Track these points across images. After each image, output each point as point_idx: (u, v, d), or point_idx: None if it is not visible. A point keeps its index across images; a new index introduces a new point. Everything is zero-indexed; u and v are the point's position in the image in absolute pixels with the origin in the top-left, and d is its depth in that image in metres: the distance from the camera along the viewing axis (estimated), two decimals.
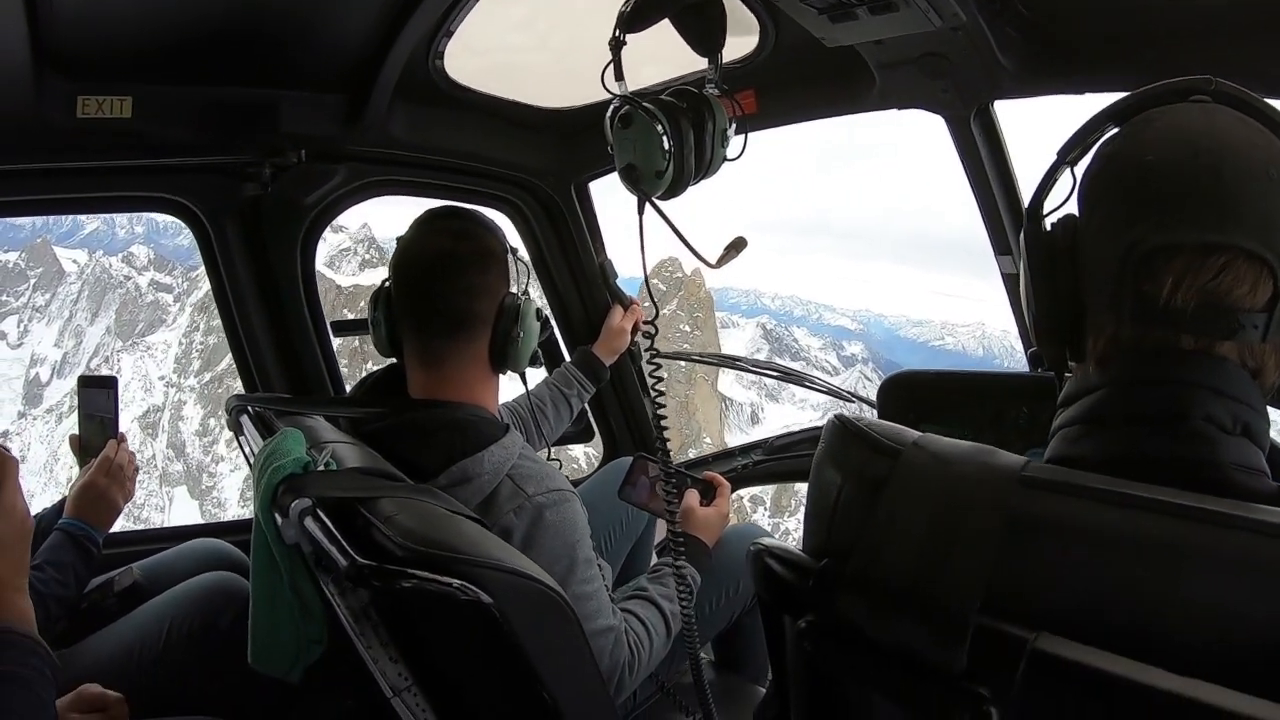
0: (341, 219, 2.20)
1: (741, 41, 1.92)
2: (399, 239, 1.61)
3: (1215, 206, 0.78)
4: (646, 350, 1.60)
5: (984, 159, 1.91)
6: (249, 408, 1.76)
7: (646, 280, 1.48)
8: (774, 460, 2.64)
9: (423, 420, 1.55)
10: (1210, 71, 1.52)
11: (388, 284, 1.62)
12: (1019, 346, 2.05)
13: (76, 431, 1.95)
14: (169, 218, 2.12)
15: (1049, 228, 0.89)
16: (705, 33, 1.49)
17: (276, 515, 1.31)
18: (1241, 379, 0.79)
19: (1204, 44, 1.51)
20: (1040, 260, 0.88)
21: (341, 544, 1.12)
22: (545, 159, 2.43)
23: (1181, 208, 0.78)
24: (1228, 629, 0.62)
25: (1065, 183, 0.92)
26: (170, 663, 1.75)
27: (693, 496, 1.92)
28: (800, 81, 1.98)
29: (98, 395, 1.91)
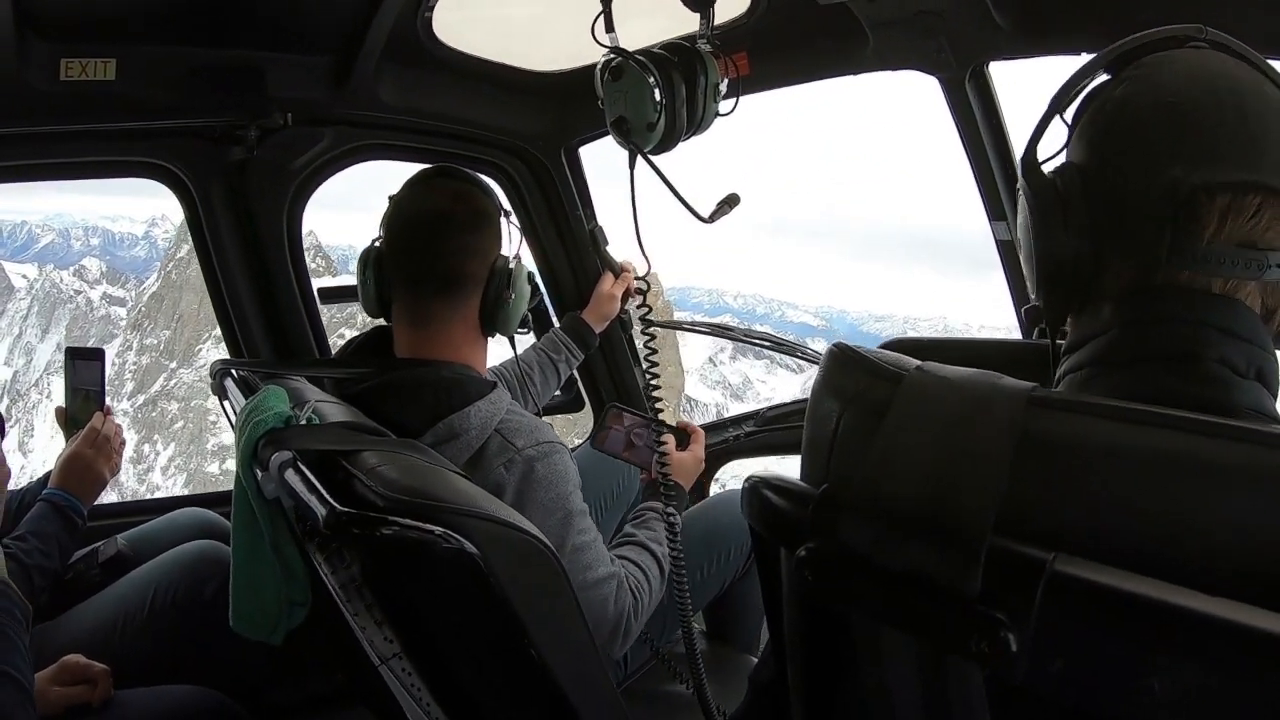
0: None
1: (734, 1, 1.89)
2: (391, 197, 1.60)
3: (1246, 145, 0.77)
4: (639, 308, 1.58)
5: (979, 121, 1.89)
6: (233, 371, 1.74)
7: (639, 236, 1.47)
8: (766, 432, 2.62)
9: (408, 378, 1.54)
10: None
11: (378, 243, 1.61)
12: (981, 338, 2.04)
13: (63, 404, 1.93)
14: (126, 229, 2.09)
15: (1050, 175, 0.87)
16: None
17: (257, 470, 1.29)
18: (1255, 322, 0.78)
19: (1204, 4, 1.49)
20: (1047, 207, 0.85)
21: (321, 493, 1.10)
22: (535, 123, 2.40)
23: (1217, 146, 0.78)
24: (1253, 545, 0.59)
25: (1057, 133, 0.91)
26: (155, 632, 1.74)
27: (670, 442, 1.90)
28: (793, 43, 1.95)
29: (85, 368, 1.89)
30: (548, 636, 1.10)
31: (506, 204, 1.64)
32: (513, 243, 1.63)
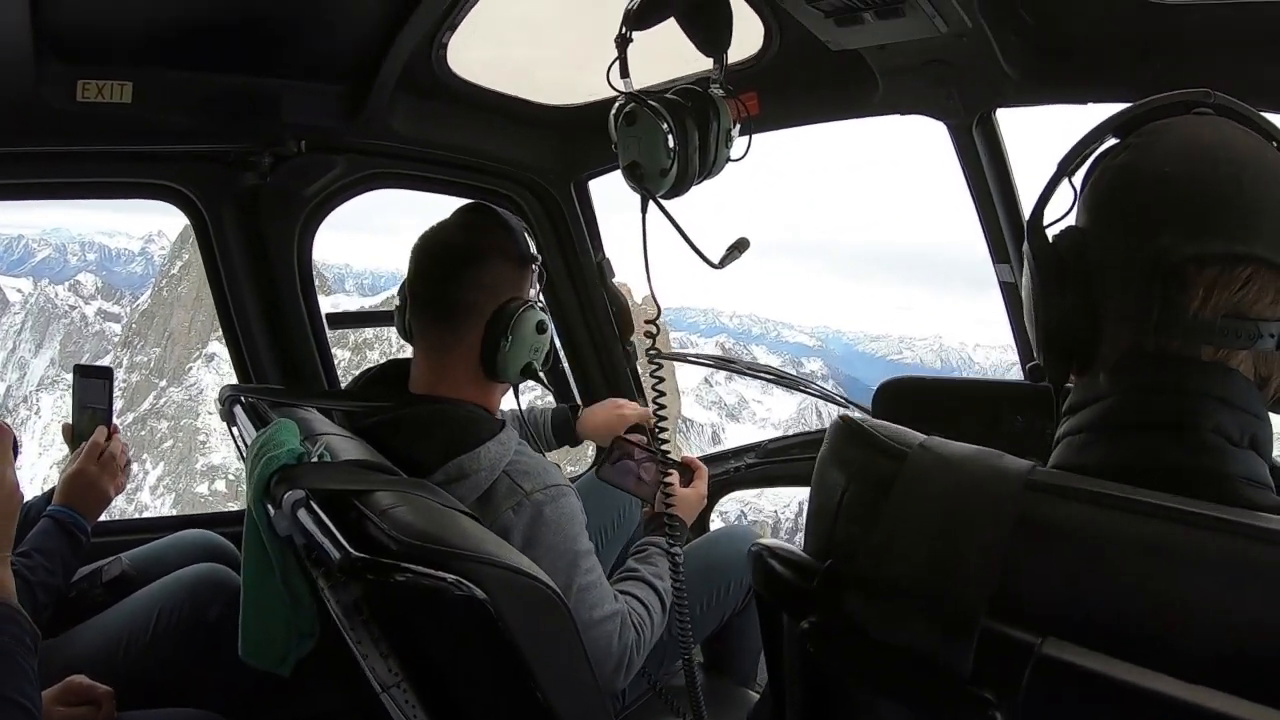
0: None
1: (745, 43, 1.91)
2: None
3: (1239, 217, 0.78)
4: (648, 350, 1.60)
5: (985, 167, 1.92)
6: (242, 398, 1.75)
7: (649, 280, 1.48)
8: (768, 464, 2.64)
9: (419, 415, 1.55)
10: (1214, 84, 1.53)
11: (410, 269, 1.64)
12: (976, 357, 2.07)
13: (70, 420, 1.93)
14: (123, 245, 2.10)
15: (1052, 239, 0.88)
16: (711, 32, 1.48)
17: (269, 506, 1.30)
18: (1250, 390, 0.79)
19: (1208, 56, 1.52)
20: (1048, 272, 0.86)
21: (335, 536, 1.12)
22: (546, 156, 2.42)
23: (1207, 218, 0.78)
24: (1235, 636, 0.62)
25: (1064, 195, 0.93)
26: (158, 653, 1.74)
27: (675, 478, 1.90)
28: (803, 85, 1.98)
29: (92, 386, 1.89)
30: (552, 678, 1.12)
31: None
32: (535, 289, 1.64)
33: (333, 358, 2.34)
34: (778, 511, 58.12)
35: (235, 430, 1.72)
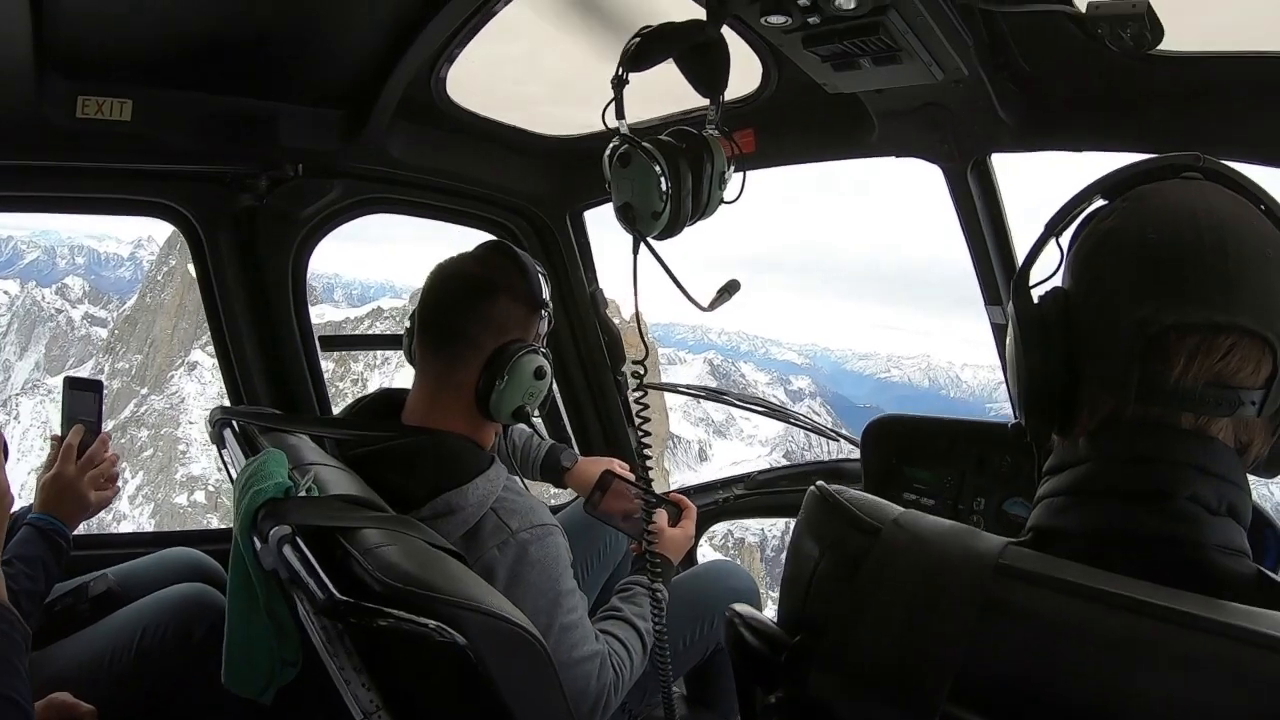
0: None
1: (744, 79, 1.93)
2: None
3: (1222, 286, 0.78)
4: (634, 390, 1.60)
5: (979, 211, 1.93)
6: (233, 422, 1.75)
7: (639, 318, 1.48)
8: (756, 495, 2.64)
9: (409, 448, 1.56)
10: (1208, 137, 1.55)
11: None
12: (964, 377, 2.08)
13: (59, 433, 1.93)
14: (112, 250, 2.11)
15: (1037, 300, 0.89)
16: (708, 74, 1.49)
17: (255, 540, 1.30)
18: (1229, 458, 0.80)
19: (1206, 108, 1.53)
20: (1032, 334, 0.87)
21: (319, 576, 1.12)
22: (541, 186, 2.44)
23: (1189, 286, 0.79)
24: None
25: (1052, 253, 0.93)
26: (141, 672, 1.74)
27: (662, 517, 1.92)
28: (799, 124, 1.99)
29: (82, 398, 1.88)
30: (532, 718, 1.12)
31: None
32: (540, 336, 1.64)
33: (324, 381, 2.34)
34: (764, 529, 57.90)
35: (225, 454, 1.72)
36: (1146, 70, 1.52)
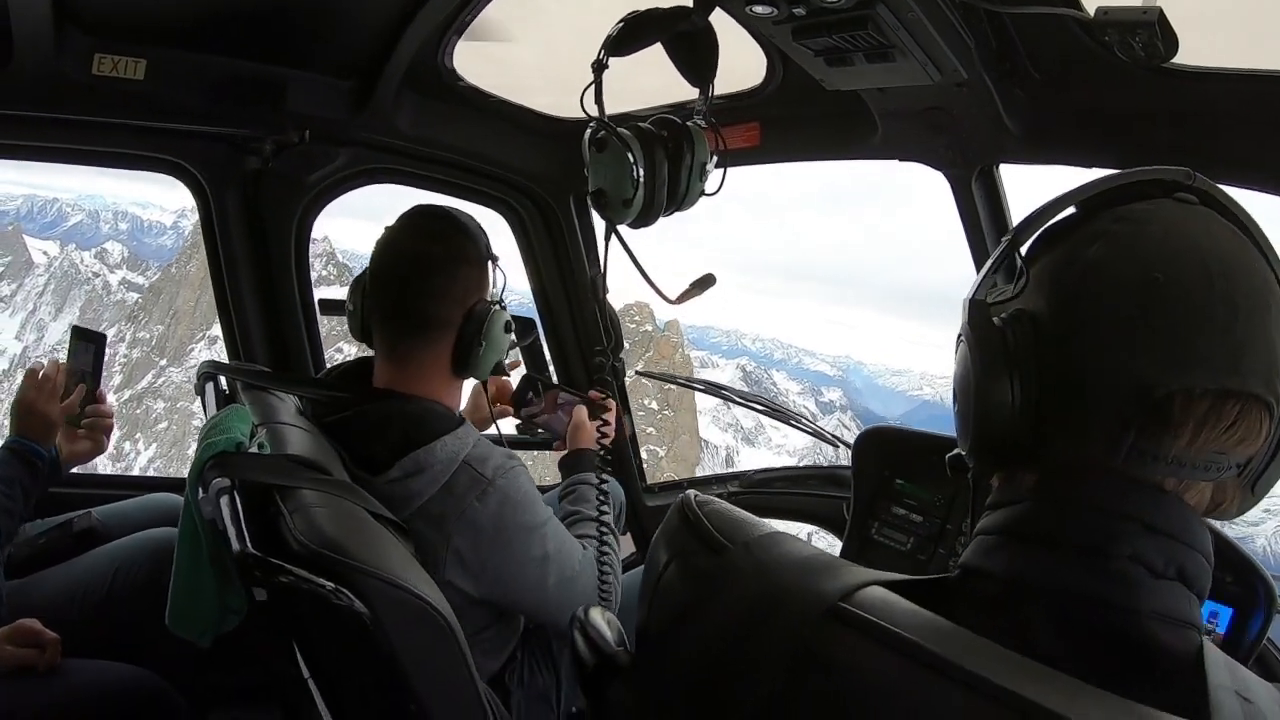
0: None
1: (749, 73, 1.90)
2: (386, 228, 1.63)
3: (1234, 348, 0.69)
4: (596, 377, 1.59)
5: (983, 222, 1.87)
6: (219, 376, 1.80)
7: (604, 305, 1.47)
8: (750, 494, 2.62)
9: (377, 411, 1.57)
10: (1227, 162, 1.47)
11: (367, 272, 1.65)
12: None
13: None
14: (156, 218, 2.17)
15: (999, 322, 0.77)
16: (696, 63, 1.47)
17: (201, 489, 1.33)
18: (1186, 518, 0.71)
19: (1221, 128, 1.45)
20: (991, 361, 0.75)
21: (241, 529, 1.15)
22: (547, 166, 2.43)
23: (1200, 348, 0.69)
24: None
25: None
26: (112, 609, 1.83)
27: (582, 413, 1.96)
28: (804, 120, 1.96)
29: (85, 348, 1.95)
30: (433, 692, 1.14)
31: (509, 243, 1.66)
32: (497, 287, 1.65)
33: (322, 343, 2.38)
34: None
35: (205, 405, 1.76)
36: (1160, 85, 1.45)
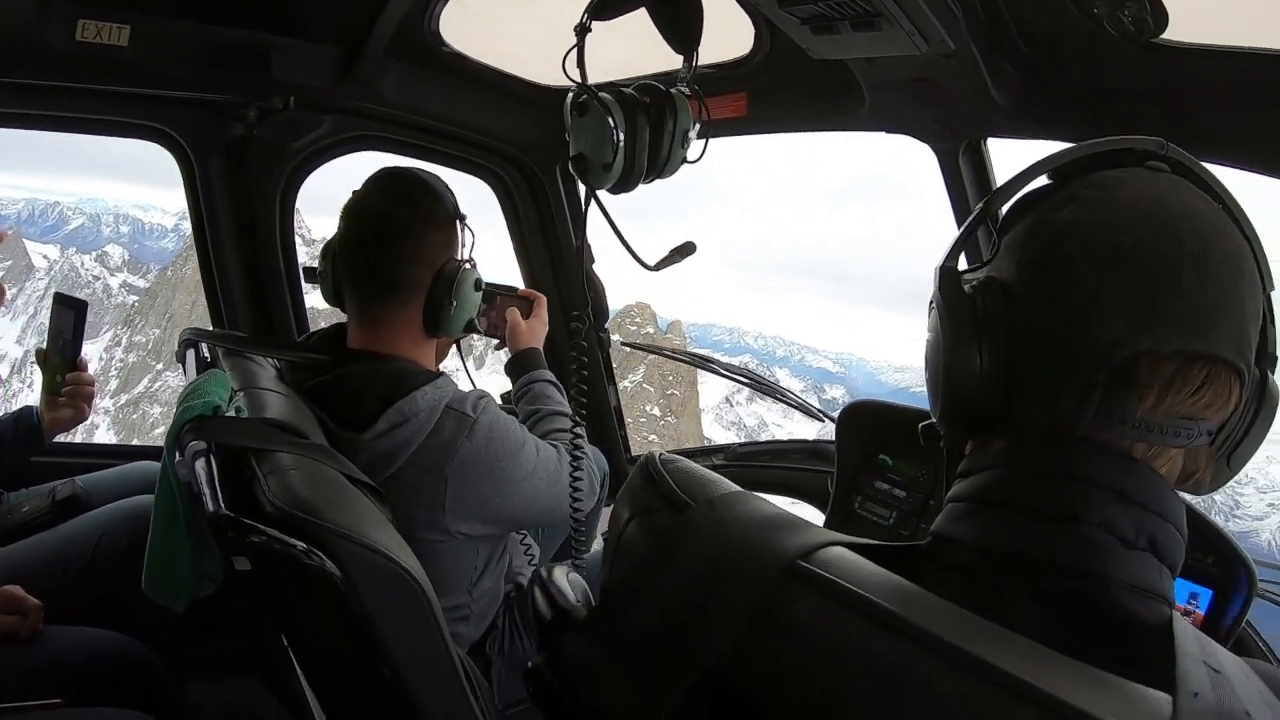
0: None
1: (738, 43, 1.88)
2: (354, 192, 1.63)
3: (1202, 311, 0.69)
4: (573, 342, 1.59)
5: (970, 197, 1.86)
6: (200, 344, 1.79)
7: (585, 276, 1.47)
8: (735, 467, 2.62)
9: (355, 372, 1.58)
10: (1215, 139, 1.46)
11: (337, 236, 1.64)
12: None
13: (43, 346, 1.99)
14: (157, 221, 2.15)
15: (970, 290, 0.77)
16: (680, 29, 1.45)
17: (178, 452, 1.33)
18: (1158, 488, 0.71)
19: (1211, 105, 1.43)
20: (962, 332, 0.76)
21: (215, 490, 1.15)
22: (534, 135, 2.42)
23: (1168, 309, 0.69)
24: None
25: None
26: (94, 577, 1.83)
27: (515, 314, 1.98)
28: (792, 90, 1.94)
29: (65, 315, 1.93)
30: (407, 656, 1.14)
31: (495, 211, 1.66)
32: (465, 247, 1.66)
33: (306, 310, 2.37)
34: None
35: (185, 373, 1.76)
36: (1149, 60, 1.43)
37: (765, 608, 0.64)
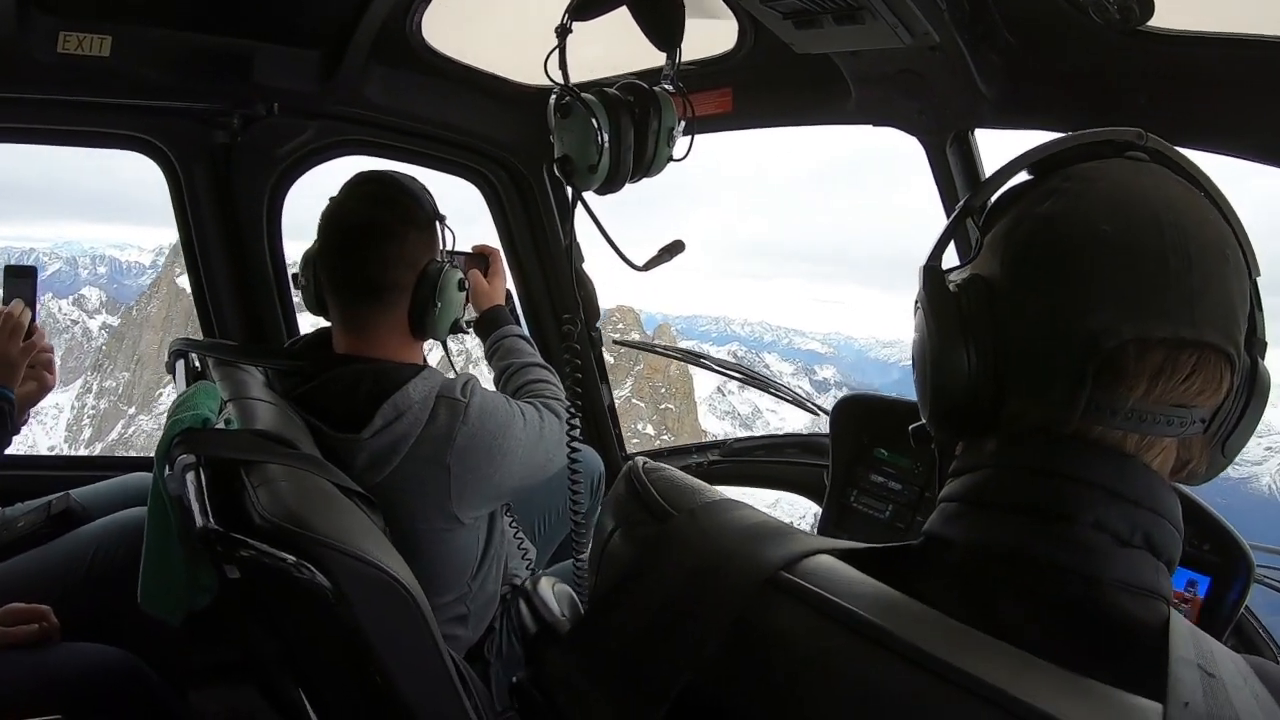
0: None
1: (721, 38, 1.87)
2: (331, 199, 1.62)
3: (1188, 296, 0.68)
4: (564, 345, 1.58)
5: (958, 189, 1.85)
6: (189, 356, 1.79)
7: (573, 278, 1.46)
8: (729, 463, 2.62)
9: (345, 375, 1.58)
10: (1200, 126, 1.45)
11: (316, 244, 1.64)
12: None
13: None
14: (134, 259, 2.13)
15: (954, 288, 0.77)
16: (662, 26, 1.44)
17: (168, 466, 1.33)
18: (1152, 483, 0.70)
19: (1198, 92, 1.43)
20: (947, 329, 0.75)
21: (204, 504, 1.15)
22: (520, 136, 2.41)
23: (1153, 296, 0.68)
24: None
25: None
26: (92, 590, 1.82)
27: (476, 275, 1.98)
28: (777, 85, 1.93)
29: (18, 285, 1.90)
30: (399, 664, 1.14)
31: (483, 214, 1.65)
32: (447, 245, 1.67)
33: (296, 317, 2.36)
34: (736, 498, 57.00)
35: (175, 384, 1.75)
36: (1135, 48, 1.42)
37: (745, 620, 0.64)
